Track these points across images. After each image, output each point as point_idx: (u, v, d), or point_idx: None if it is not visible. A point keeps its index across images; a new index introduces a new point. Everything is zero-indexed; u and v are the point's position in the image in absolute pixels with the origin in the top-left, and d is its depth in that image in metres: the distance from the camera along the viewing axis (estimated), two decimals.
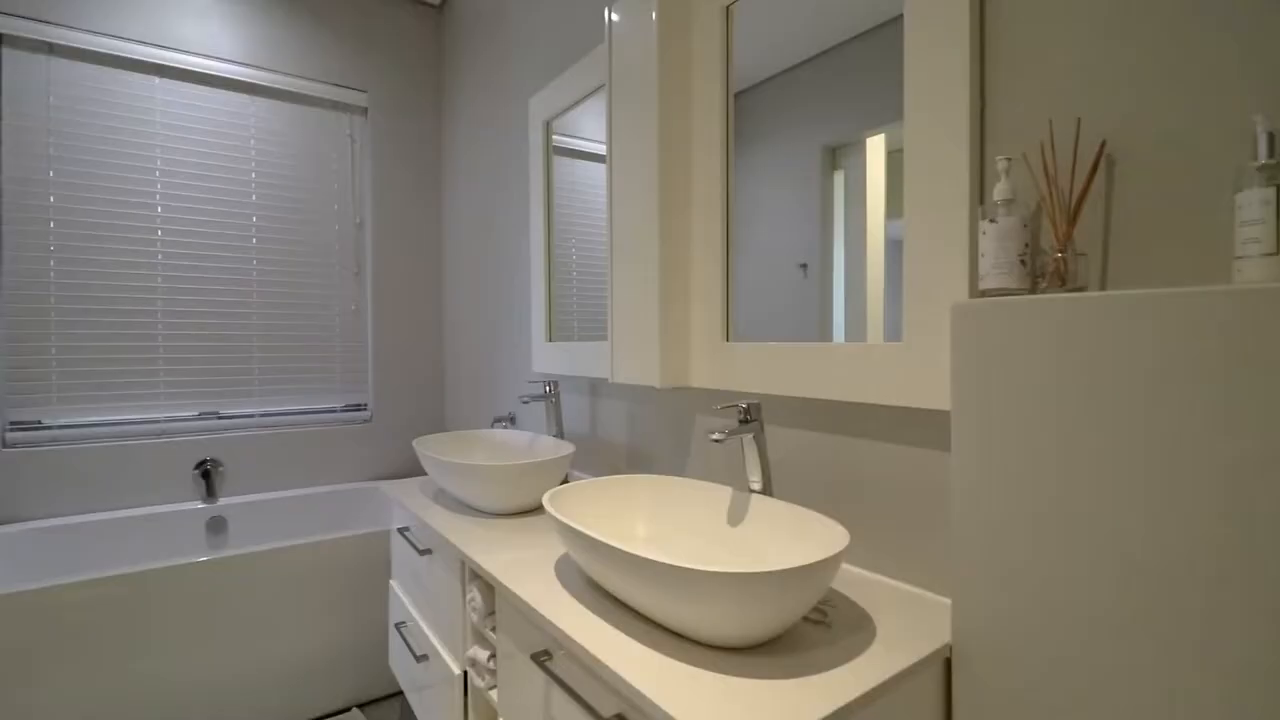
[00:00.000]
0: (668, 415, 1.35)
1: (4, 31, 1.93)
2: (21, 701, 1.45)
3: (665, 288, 1.20)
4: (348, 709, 1.87)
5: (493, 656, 1.07)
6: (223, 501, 2.16)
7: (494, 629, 1.06)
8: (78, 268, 2.02)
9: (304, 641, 1.78)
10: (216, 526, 2.13)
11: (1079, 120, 0.73)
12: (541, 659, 0.85)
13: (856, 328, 0.99)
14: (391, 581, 1.61)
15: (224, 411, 2.24)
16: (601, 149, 1.60)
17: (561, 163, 1.77)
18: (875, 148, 0.97)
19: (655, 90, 1.19)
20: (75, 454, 1.99)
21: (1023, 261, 0.74)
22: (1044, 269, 0.74)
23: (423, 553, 1.32)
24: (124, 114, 2.08)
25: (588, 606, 0.84)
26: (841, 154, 1.02)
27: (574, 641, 0.75)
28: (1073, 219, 0.71)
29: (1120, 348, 0.58)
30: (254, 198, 2.28)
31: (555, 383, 1.61)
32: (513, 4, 2.04)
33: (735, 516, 0.99)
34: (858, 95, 0.98)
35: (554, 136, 1.79)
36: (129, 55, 2.08)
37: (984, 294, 0.75)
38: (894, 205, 0.94)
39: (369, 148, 2.50)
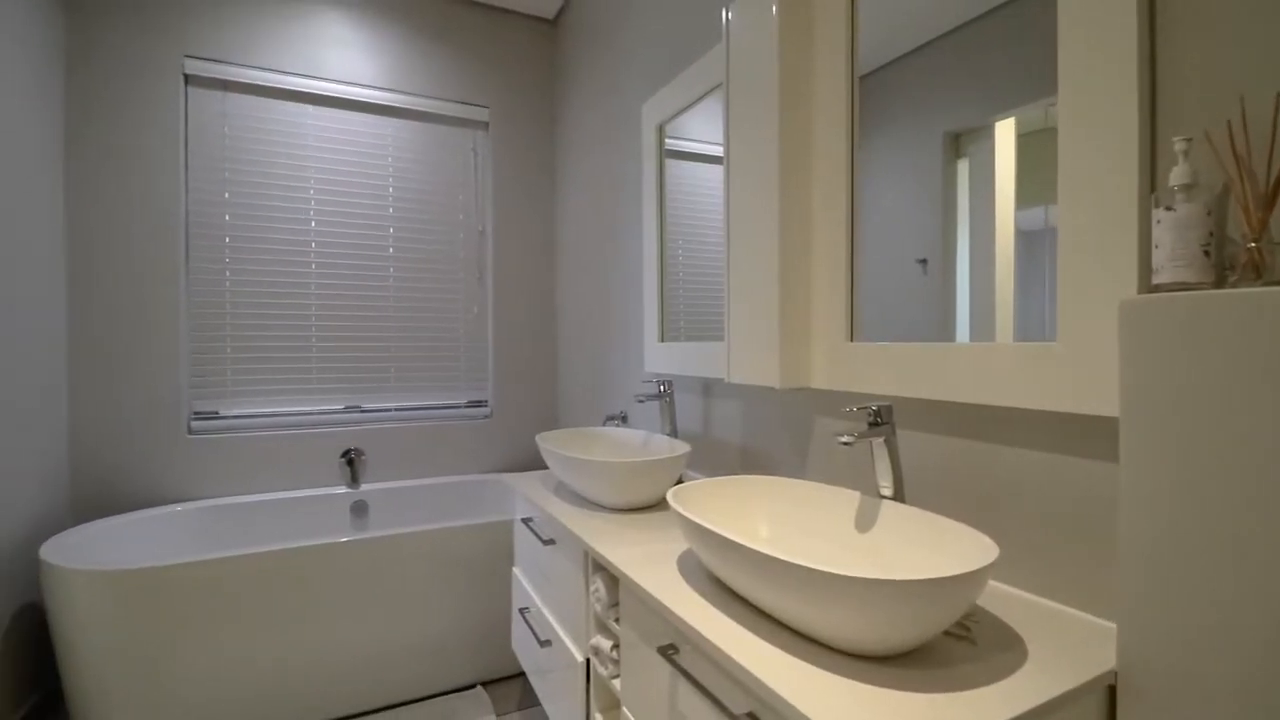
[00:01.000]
0: (786, 416, 1.34)
1: (191, 73, 2.23)
2: (205, 656, 1.67)
3: (785, 287, 1.18)
4: (472, 686, 1.99)
5: (615, 646, 1.10)
6: (364, 487, 2.37)
7: (617, 620, 1.09)
8: (247, 278, 2.29)
9: (434, 619, 1.92)
10: (359, 510, 2.35)
11: None
12: (669, 652, 0.87)
13: (983, 326, 0.93)
14: (514, 569, 1.70)
15: (365, 406, 2.46)
16: (710, 149, 1.61)
17: (669, 165, 1.79)
18: (1004, 132, 0.91)
19: (775, 84, 1.18)
20: (244, 441, 2.27)
21: (1206, 253, 0.66)
22: (1234, 261, 0.66)
23: (546, 543, 1.38)
24: (283, 139, 2.34)
25: (713, 603, 0.85)
26: (966, 140, 0.97)
27: (704, 638, 0.76)
28: (1270, 204, 0.63)
29: None
30: (391, 210, 2.49)
31: (669, 382, 1.63)
32: (624, 14, 2.09)
33: (864, 522, 0.96)
34: (985, 77, 0.93)
35: (665, 140, 1.82)
36: (287, 87, 2.33)
37: (1157, 289, 0.68)
38: (1026, 194, 0.88)
39: (490, 159, 2.65)
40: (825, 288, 1.18)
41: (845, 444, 0.90)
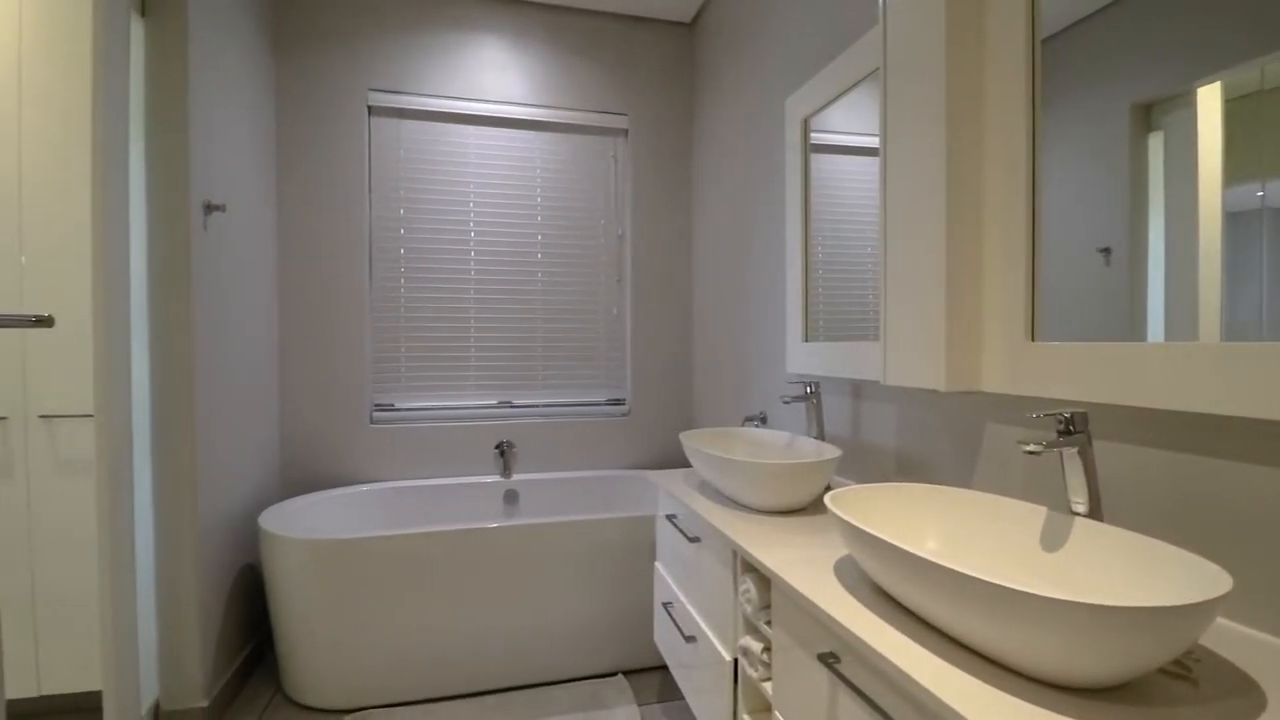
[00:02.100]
0: (950, 421, 1.25)
1: (373, 104, 2.51)
2: (385, 620, 1.87)
3: (953, 282, 1.10)
4: (614, 674, 2.06)
5: (767, 649, 1.09)
6: (515, 477, 2.54)
7: (768, 622, 1.08)
8: (417, 285, 2.55)
9: (578, 606, 2.02)
10: (511, 498, 2.52)
11: None
12: (829, 661, 0.85)
13: (1182, 322, 0.81)
14: (657, 563, 1.74)
15: (516, 401, 2.64)
16: (859, 140, 1.54)
17: (813, 159, 1.74)
18: (1208, 99, 0.78)
19: (941, 59, 1.10)
20: (414, 431, 2.52)
21: None
22: None
23: (691, 540, 1.40)
24: (447, 159, 2.57)
25: (879, 614, 0.82)
26: (1159, 112, 0.84)
27: (874, 650, 0.73)
28: None
29: None
30: (539, 219, 2.64)
31: (817, 384, 1.58)
32: (766, 11, 2.06)
33: (1052, 541, 0.87)
34: (1182, 36, 0.80)
35: (811, 133, 1.77)
36: (452, 110, 2.56)
37: None
38: (1236, 169, 0.75)
39: (629, 165, 2.73)
40: (999, 282, 1.09)
41: (1031, 453, 0.82)
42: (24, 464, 1.79)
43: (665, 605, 1.62)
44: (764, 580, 1.11)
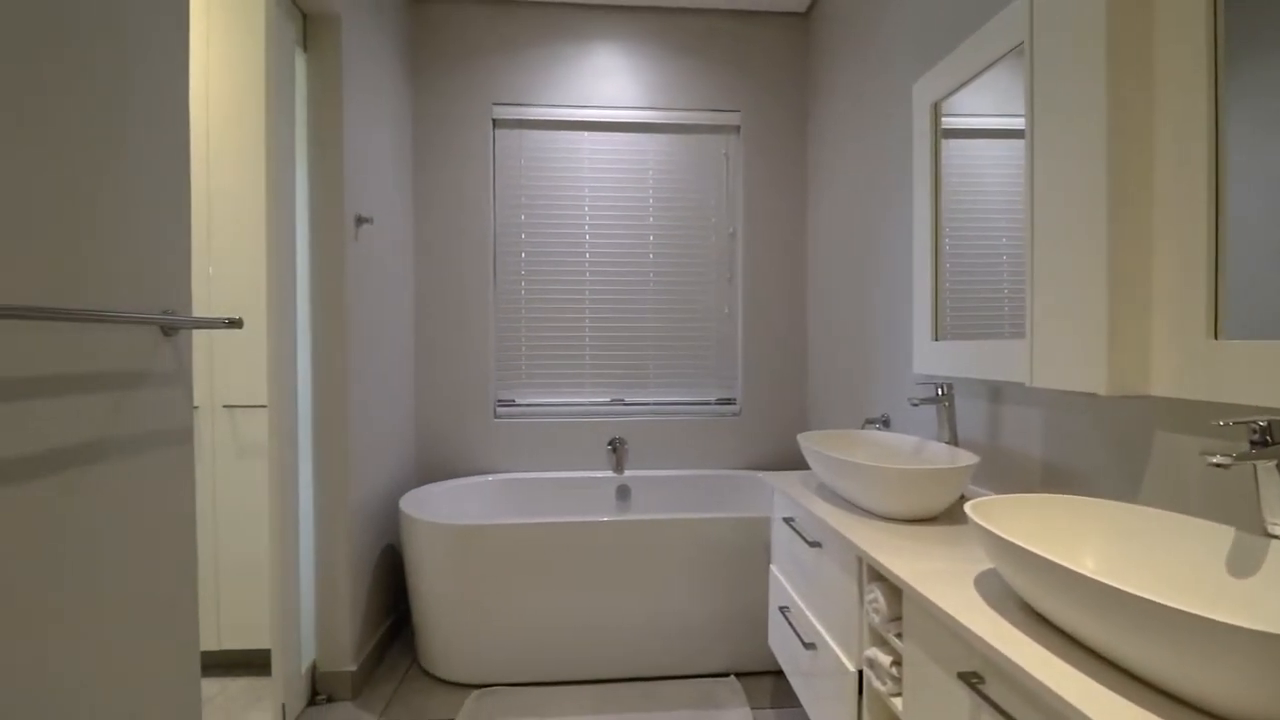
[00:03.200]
0: (1109, 428, 1.13)
1: (497, 117, 2.66)
2: (508, 603, 1.98)
3: (1116, 274, 1.00)
4: (725, 674, 2.05)
5: (896, 663, 1.04)
6: (627, 473, 2.60)
7: (899, 635, 1.03)
8: (537, 286, 2.67)
9: (689, 603, 2.02)
10: (623, 493, 2.58)
11: None
12: (972, 681, 0.79)
13: None
14: (772, 566, 1.71)
15: (627, 399, 2.69)
16: (994, 123, 1.43)
17: (943, 145, 1.63)
18: None
19: (1100, 20, 1.00)
20: (533, 426, 2.64)
21: None
22: None
23: (811, 545, 1.36)
24: (564, 165, 2.67)
25: (1029, 634, 0.76)
26: None
27: (1027, 674, 0.68)
28: None
29: None
30: (651, 219, 2.68)
31: (949, 385, 1.49)
32: None
33: (1242, 566, 0.76)
34: None
35: (941, 118, 1.67)
36: (569, 118, 2.65)
37: None
38: None
39: (741, 162, 2.70)
40: (1173, 272, 0.97)
41: (1218, 466, 0.72)
42: (211, 448, 2.06)
43: (782, 609, 1.59)
44: (894, 591, 1.06)
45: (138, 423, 0.97)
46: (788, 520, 1.55)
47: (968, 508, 0.89)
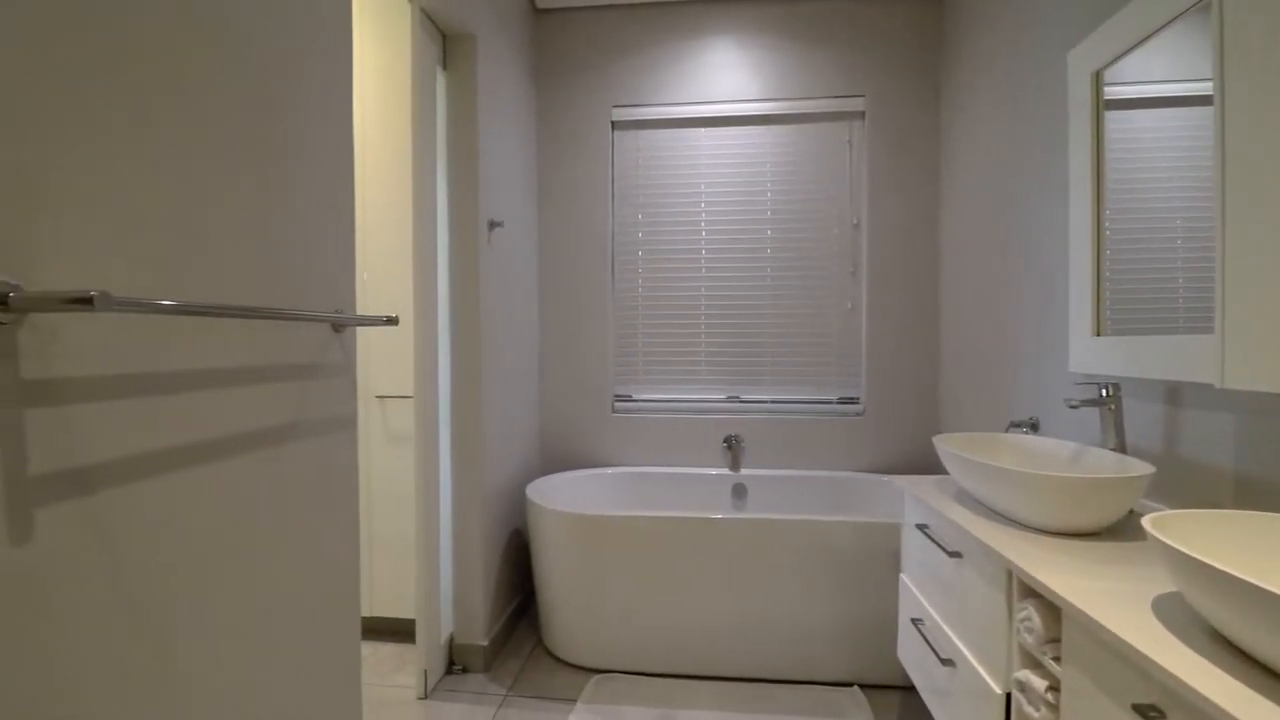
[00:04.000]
0: None
1: (616, 120, 2.72)
2: (626, 592, 2.03)
3: None
4: (848, 684, 1.98)
5: (1053, 688, 0.95)
6: (743, 471, 2.57)
7: (1057, 658, 0.94)
8: (654, 283, 2.70)
9: (808, 608, 1.97)
10: (739, 492, 2.56)
11: None
12: (1150, 715, 0.71)
13: None
14: (902, 575, 1.63)
15: (744, 396, 2.66)
16: (1174, 90, 1.26)
17: (1105, 118, 1.46)
18: None
19: None
20: (649, 421, 2.68)
21: None
22: None
23: (951, 555, 1.28)
24: (681, 162, 2.68)
25: (1221, 666, 0.66)
26: None
27: (1225, 712, 0.59)
28: None
29: None
30: (769, 213, 2.63)
31: (1115, 385, 1.33)
32: None
33: None
34: None
35: (1104, 88, 1.50)
36: (686, 115, 2.66)
37: None
38: None
39: (865, 150, 2.58)
40: None
41: None
42: (365, 435, 2.28)
43: (914, 621, 1.50)
44: (1050, 609, 0.97)
45: (314, 409, 1.10)
46: (921, 527, 1.46)
47: (1146, 522, 0.80)
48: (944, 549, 1.30)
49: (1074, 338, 1.55)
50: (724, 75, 2.64)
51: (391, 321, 1.20)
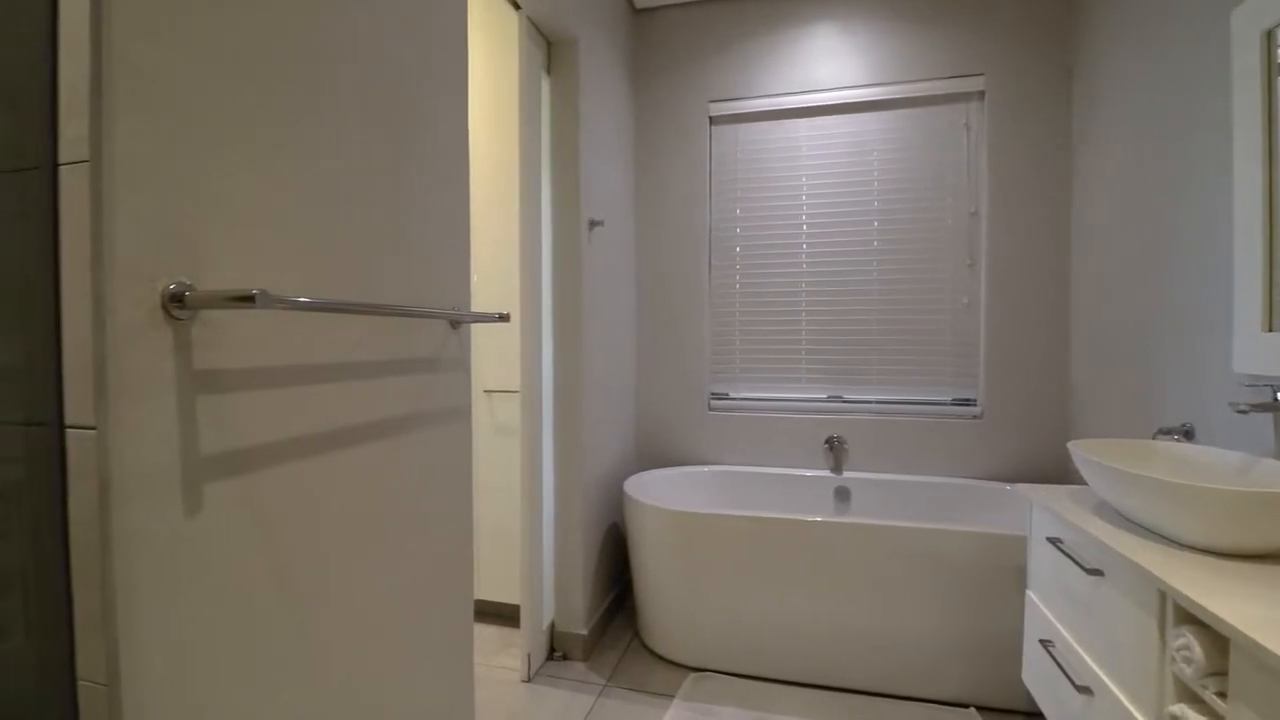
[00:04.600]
0: None
1: (713, 115, 2.69)
2: (721, 592, 2.00)
3: None
4: (965, 705, 1.85)
5: None
6: (846, 474, 2.47)
7: (1221, 694, 0.83)
8: (751, 280, 2.66)
9: (919, 621, 1.86)
10: (841, 495, 2.46)
11: None
12: None
13: None
14: (1029, 591, 1.50)
15: (846, 396, 2.56)
16: None
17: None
18: None
19: None
20: (746, 420, 2.64)
21: None
22: None
23: (1090, 573, 1.16)
24: (780, 155, 2.61)
25: None
26: None
27: None
28: None
29: None
30: (876, 204, 2.51)
31: None
32: None
33: None
34: None
35: (1277, 49, 1.30)
36: (786, 107, 2.59)
37: None
38: None
39: (985, 132, 2.40)
40: None
41: None
42: (474, 427, 2.40)
43: (1043, 642, 1.38)
44: (1214, 638, 0.86)
45: (434, 401, 1.16)
46: (1054, 541, 1.34)
47: None
48: (1081, 566, 1.19)
49: (1239, 334, 1.36)
50: (826, 62, 2.55)
51: (504, 318, 1.26)
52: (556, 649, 2.17)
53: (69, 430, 0.65)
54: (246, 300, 0.66)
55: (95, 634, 0.65)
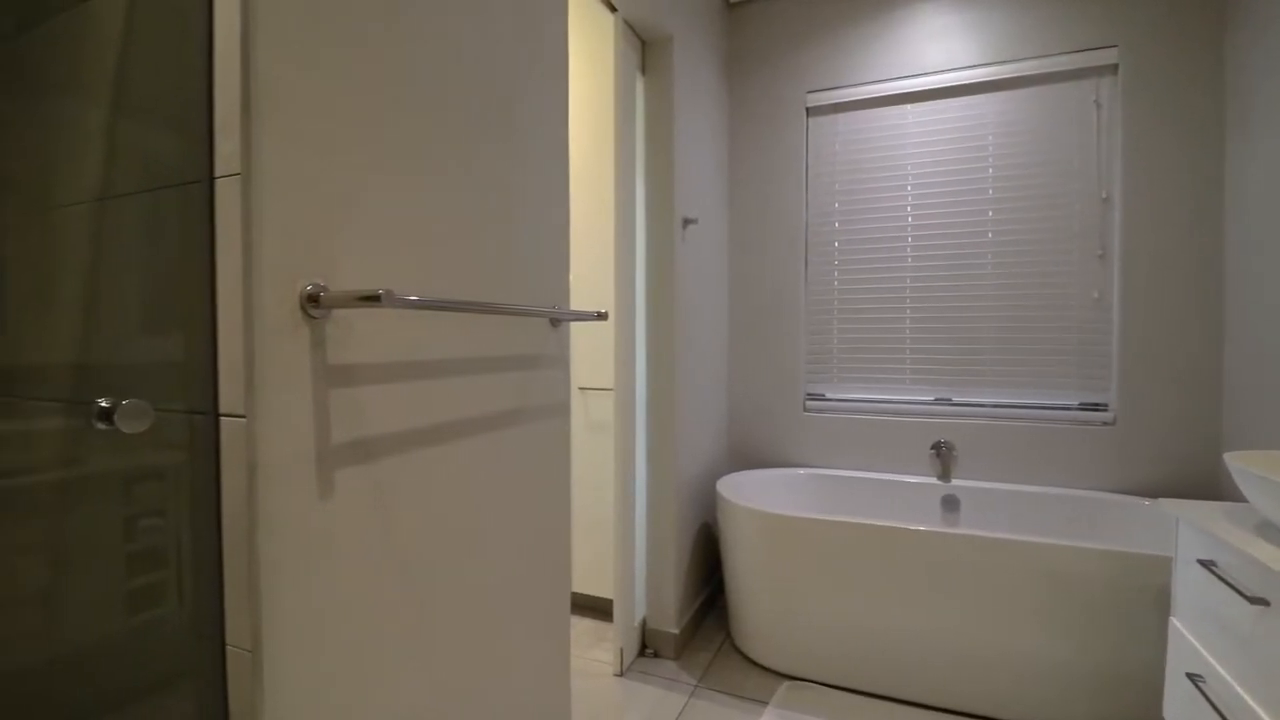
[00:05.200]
0: None
1: (811, 105, 2.61)
2: (818, 599, 1.93)
3: None
4: None
5: None
6: (955, 482, 2.32)
7: None
8: (850, 276, 2.55)
9: (1035, 643, 1.71)
10: (949, 504, 2.31)
11: None
12: None
13: None
14: (1173, 619, 1.34)
15: (955, 398, 2.40)
16: None
17: None
18: None
19: None
20: (845, 422, 2.54)
21: None
22: None
23: (1252, 601, 1.02)
24: (883, 144, 2.49)
25: None
26: None
27: None
28: None
29: None
30: (990, 192, 2.33)
31: None
32: None
33: None
34: None
35: None
36: (889, 93, 2.47)
37: None
38: None
39: (1119, 110, 2.17)
40: None
41: None
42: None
43: (1191, 677, 1.23)
44: None
45: (535, 396, 1.20)
46: (1206, 564, 1.19)
47: None
48: (1243, 594, 1.04)
49: None
50: (933, 44, 2.40)
51: (601, 317, 1.27)
52: (648, 646, 2.18)
53: (223, 418, 0.72)
54: (373, 299, 0.71)
55: (242, 604, 0.71)
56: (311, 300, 0.74)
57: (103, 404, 0.69)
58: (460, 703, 1.01)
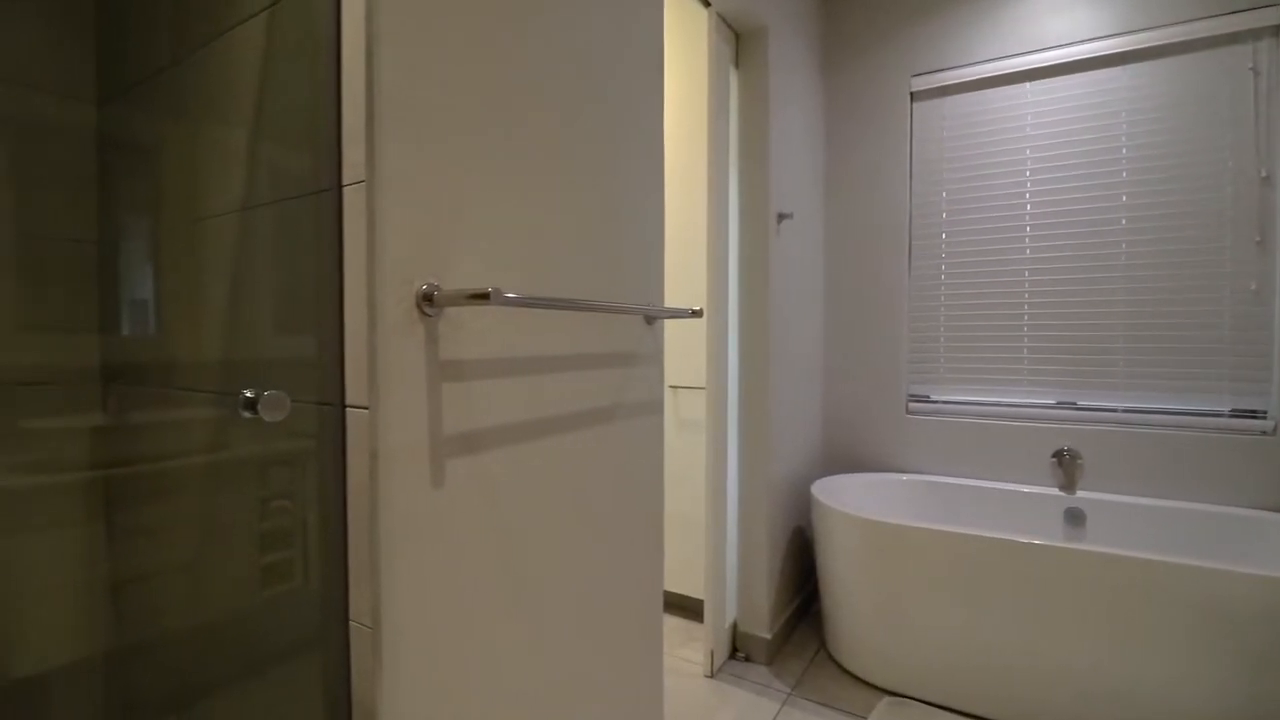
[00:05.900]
0: None
1: (915, 90, 2.47)
2: (924, 612, 1.82)
3: None
4: None
5: None
6: (1080, 494, 2.12)
7: None
8: (959, 271, 2.39)
9: (1182, 679, 1.52)
10: (1074, 518, 2.12)
11: None
12: None
13: None
14: None
15: (1081, 402, 2.19)
16: None
17: None
18: None
19: None
20: (952, 425, 2.38)
21: None
22: None
23: None
24: (997, 127, 2.31)
25: None
26: None
27: None
28: None
29: None
30: (1124, 175, 2.11)
31: None
32: None
33: None
34: None
35: None
36: (1002, 72, 2.29)
37: None
38: None
39: None
40: None
41: None
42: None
43: None
44: None
45: (631, 393, 1.20)
46: None
47: None
48: None
49: None
50: (1053, 17, 2.20)
51: (697, 314, 1.26)
52: (739, 649, 2.14)
53: (348, 409, 0.77)
54: (482, 297, 0.73)
55: (365, 583, 0.76)
56: (426, 299, 0.78)
57: (248, 394, 0.75)
58: (562, 690, 1.03)
